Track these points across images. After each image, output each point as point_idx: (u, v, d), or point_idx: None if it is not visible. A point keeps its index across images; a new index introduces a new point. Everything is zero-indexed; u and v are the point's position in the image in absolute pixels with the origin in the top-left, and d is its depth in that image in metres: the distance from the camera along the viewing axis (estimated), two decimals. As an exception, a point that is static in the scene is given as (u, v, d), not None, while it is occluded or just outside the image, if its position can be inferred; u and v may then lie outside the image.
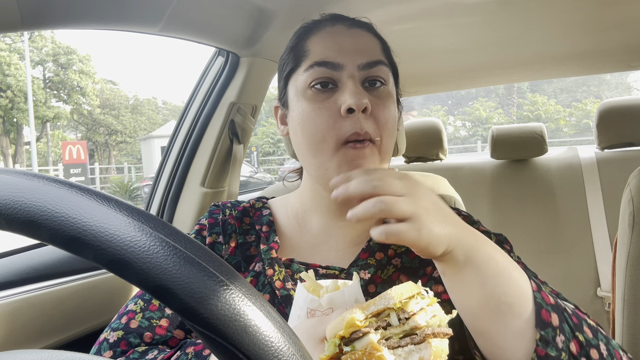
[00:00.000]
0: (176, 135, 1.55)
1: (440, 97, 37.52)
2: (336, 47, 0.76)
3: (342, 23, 0.80)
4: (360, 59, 0.75)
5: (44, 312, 1.06)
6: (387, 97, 0.77)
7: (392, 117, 0.77)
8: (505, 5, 1.32)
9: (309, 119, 0.74)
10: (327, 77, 0.75)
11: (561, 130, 29.93)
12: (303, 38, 0.80)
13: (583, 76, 5.03)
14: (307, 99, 0.75)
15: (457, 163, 2.53)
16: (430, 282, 0.76)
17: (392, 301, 0.50)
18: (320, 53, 0.76)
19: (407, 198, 0.55)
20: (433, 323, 0.51)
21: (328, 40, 0.77)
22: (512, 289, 0.59)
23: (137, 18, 1.02)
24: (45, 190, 0.32)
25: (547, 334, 0.58)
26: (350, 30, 0.79)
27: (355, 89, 0.73)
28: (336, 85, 0.75)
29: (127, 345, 0.74)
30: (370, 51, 0.77)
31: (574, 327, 0.60)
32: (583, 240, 2.09)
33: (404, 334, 0.50)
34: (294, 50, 0.81)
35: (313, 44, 0.78)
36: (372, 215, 0.54)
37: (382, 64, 0.77)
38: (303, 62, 0.77)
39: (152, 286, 0.30)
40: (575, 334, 0.60)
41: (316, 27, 0.81)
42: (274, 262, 0.79)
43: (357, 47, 0.76)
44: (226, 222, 0.86)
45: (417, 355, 0.48)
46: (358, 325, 0.49)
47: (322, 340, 0.55)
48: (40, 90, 25.63)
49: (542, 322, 0.58)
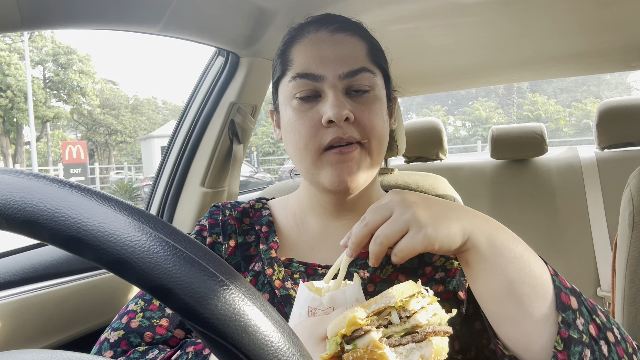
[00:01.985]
0: (176, 135, 1.55)
1: (440, 97, 37.55)
2: (317, 57, 0.76)
3: (325, 29, 0.79)
4: (341, 69, 0.75)
5: (44, 312, 1.06)
6: (372, 102, 0.77)
7: (379, 120, 0.77)
8: (505, 5, 1.32)
9: (294, 128, 0.76)
10: (309, 88, 0.75)
11: (561, 130, 29.93)
12: (288, 45, 0.80)
13: (583, 76, 5.03)
14: (292, 108, 0.77)
15: (457, 163, 2.53)
16: (430, 282, 0.76)
17: (394, 300, 0.50)
18: (302, 64, 0.76)
19: (394, 216, 0.58)
20: (434, 321, 0.51)
21: (310, 50, 0.77)
22: (533, 272, 0.59)
23: (137, 18, 1.02)
24: (45, 190, 0.32)
25: (567, 316, 0.58)
26: (333, 37, 0.78)
27: (335, 100, 0.72)
28: (319, 94, 0.75)
29: (127, 344, 0.74)
30: (352, 59, 0.76)
31: (591, 310, 0.61)
32: (583, 240, 2.09)
33: (405, 332, 0.50)
34: (280, 57, 0.81)
35: (297, 53, 0.78)
36: (382, 252, 0.58)
37: (365, 71, 0.76)
38: (288, 71, 0.78)
39: (152, 286, 0.30)
40: (593, 317, 0.60)
41: (300, 34, 0.80)
42: (273, 262, 0.80)
43: (339, 55, 0.75)
44: (226, 222, 0.86)
45: (418, 353, 0.49)
46: (360, 324, 0.49)
47: (323, 339, 0.55)
48: (40, 90, 25.64)
49: (563, 305, 0.59)
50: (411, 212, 0.57)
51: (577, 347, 0.57)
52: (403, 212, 0.58)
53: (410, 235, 0.56)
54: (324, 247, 0.83)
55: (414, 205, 0.58)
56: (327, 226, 0.83)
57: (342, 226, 0.83)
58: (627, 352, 0.60)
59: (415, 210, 0.57)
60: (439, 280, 0.76)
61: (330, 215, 0.83)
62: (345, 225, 0.83)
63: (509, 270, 0.59)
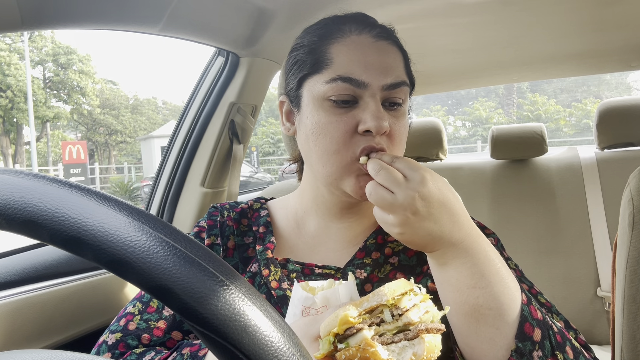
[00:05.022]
0: (176, 135, 1.55)
1: (440, 97, 37.52)
2: (362, 62, 0.72)
3: (368, 32, 0.75)
4: (385, 79, 0.72)
5: (44, 312, 1.06)
6: (403, 116, 0.76)
7: (405, 133, 0.77)
8: (506, 5, 1.32)
9: (325, 131, 0.72)
10: (349, 93, 0.72)
11: (561, 130, 29.93)
12: (325, 41, 0.75)
13: (583, 76, 5.02)
14: (324, 109, 0.73)
15: (457, 163, 2.53)
16: (426, 278, 0.77)
17: (385, 298, 0.50)
18: (345, 66, 0.72)
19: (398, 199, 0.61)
20: (426, 319, 0.51)
21: (354, 53, 0.73)
22: (503, 292, 0.60)
23: (137, 18, 1.02)
24: (45, 190, 0.32)
25: (524, 346, 0.59)
26: (377, 44, 0.74)
27: (376, 111, 0.70)
28: (357, 101, 0.72)
29: (125, 347, 0.75)
30: (395, 70, 0.74)
31: (556, 345, 0.61)
32: (583, 240, 2.09)
33: (398, 330, 0.50)
34: (313, 53, 0.75)
35: (337, 53, 0.73)
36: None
37: (404, 84, 0.75)
38: (324, 70, 0.73)
39: (152, 286, 0.30)
40: (555, 353, 0.60)
41: (340, 33, 0.75)
42: (269, 263, 0.79)
43: (383, 64, 0.73)
44: (224, 223, 0.86)
45: (410, 350, 0.49)
46: (352, 322, 0.49)
47: (316, 338, 0.55)
48: (40, 90, 25.62)
49: (523, 335, 0.59)
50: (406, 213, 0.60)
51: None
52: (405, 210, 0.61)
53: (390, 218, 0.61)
54: (324, 248, 0.82)
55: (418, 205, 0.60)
56: (329, 227, 0.83)
57: (343, 228, 0.83)
58: None
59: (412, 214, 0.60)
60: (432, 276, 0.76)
61: (334, 216, 0.82)
62: (346, 227, 0.82)
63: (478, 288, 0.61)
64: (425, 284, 0.76)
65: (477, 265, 0.61)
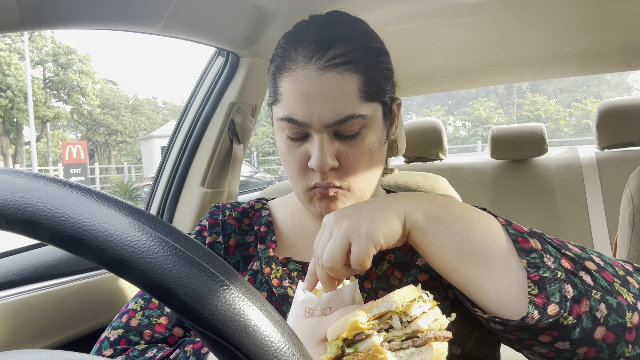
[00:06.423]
0: (176, 135, 1.55)
1: (440, 97, 37.57)
2: (305, 101, 0.69)
3: (314, 64, 0.69)
4: (327, 117, 0.69)
5: (44, 312, 1.06)
6: (360, 143, 0.72)
7: (365, 160, 0.74)
8: (506, 5, 1.32)
9: (285, 160, 0.76)
10: (297, 131, 0.72)
11: (561, 130, 29.94)
12: (278, 74, 0.74)
13: (583, 76, 5.02)
14: (283, 139, 0.75)
15: (457, 163, 2.53)
16: (415, 270, 0.77)
17: (395, 304, 0.50)
18: (290, 107, 0.71)
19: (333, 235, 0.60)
20: (435, 327, 0.52)
21: (297, 91, 0.70)
22: (478, 228, 0.60)
23: (137, 18, 1.02)
24: (45, 190, 0.32)
25: (532, 258, 0.57)
26: (321, 78, 0.69)
27: (319, 152, 0.70)
28: (308, 134, 0.72)
29: (127, 343, 0.75)
30: (341, 105, 0.69)
31: (559, 246, 0.60)
32: (583, 240, 2.10)
33: (406, 336, 0.50)
34: (271, 82, 0.76)
35: (285, 89, 0.72)
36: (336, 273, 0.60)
37: (352, 118, 0.69)
38: (279, 103, 0.73)
39: (152, 286, 0.30)
40: (562, 252, 0.59)
41: (290, 63, 0.72)
42: (271, 261, 0.80)
43: (326, 100, 0.69)
44: (226, 222, 0.87)
45: (418, 357, 0.49)
46: (361, 328, 0.49)
47: (322, 340, 0.55)
48: (40, 90, 25.64)
49: (524, 249, 0.58)
50: (346, 224, 0.59)
51: (554, 285, 0.55)
52: (339, 228, 0.60)
53: (355, 245, 0.58)
54: None
55: (347, 218, 0.60)
56: None
57: None
58: (618, 274, 0.59)
59: (349, 222, 0.59)
60: (422, 268, 0.76)
61: None
62: None
63: (453, 234, 0.60)
64: (415, 275, 0.76)
65: (444, 225, 0.61)
